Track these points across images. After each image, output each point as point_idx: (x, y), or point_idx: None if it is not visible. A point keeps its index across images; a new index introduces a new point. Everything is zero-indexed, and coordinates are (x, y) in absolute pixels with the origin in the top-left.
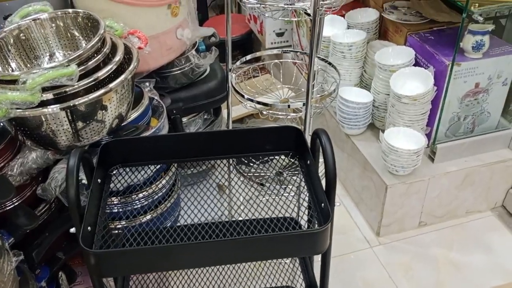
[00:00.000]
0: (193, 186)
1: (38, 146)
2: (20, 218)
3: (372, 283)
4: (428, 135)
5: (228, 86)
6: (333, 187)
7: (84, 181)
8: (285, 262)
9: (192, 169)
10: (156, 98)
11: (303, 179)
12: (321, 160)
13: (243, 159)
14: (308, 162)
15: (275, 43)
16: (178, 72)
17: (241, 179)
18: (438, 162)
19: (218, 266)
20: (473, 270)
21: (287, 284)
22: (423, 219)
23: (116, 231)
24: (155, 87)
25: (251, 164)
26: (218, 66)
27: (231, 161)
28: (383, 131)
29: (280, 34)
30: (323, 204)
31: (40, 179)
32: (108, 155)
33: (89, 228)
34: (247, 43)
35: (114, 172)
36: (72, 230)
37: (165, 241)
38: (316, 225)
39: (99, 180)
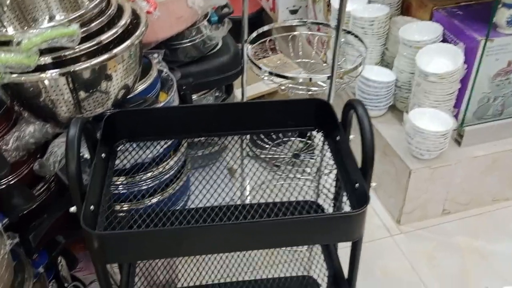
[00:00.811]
0: (204, 169)
1: (36, 118)
2: (15, 198)
3: (393, 272)
4: (454, 118)
5: (244, 59)
6: (370, 165)
7: (87, 156)
8: (300, 250)
9: (203, 150)
10: (165, 70)
11: (328, 159)
12: None
13: (257, 141)
14: (338, 138)
15: (288, 21)
16: (189, 44)
17: (254, 162)
18: (465, 146)
19: (228, 255)
20: (499, 259)
21: (303, 274)
22: (446, 207)
23: (121, 214)
24: (164, 61)
25: (266, 146)
26: (231, 40)
27: (245, 139)
28: (407, 112)
29: (294, 12)
30: (357, 185)
31: (38, 156)
32: (113, 128)
33: (91, 207)
34: (258, 22)
35: (120, 147)
36: (73, 209)
37: (177, 222)
38: (350, 208)
39: (103, 155)
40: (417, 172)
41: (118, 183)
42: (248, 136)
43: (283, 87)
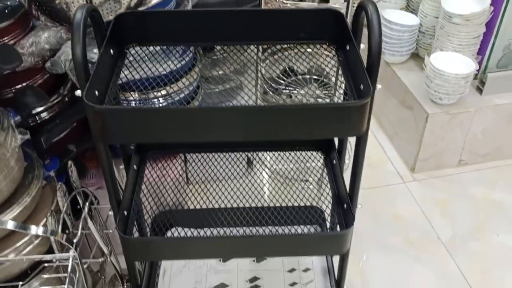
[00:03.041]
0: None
1: (52, 22)
2: (28, 97)
3: (404, 217)
4: (478, 65)
5: None
6: (376, 66)
7: (95, 52)
8: (310, 183)
9: (218, 86)
10: None
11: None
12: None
13: (272, 85)
14: (348, 47)
15: None
16: None
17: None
18: (486, 94)
19: (237, 182)
20: None
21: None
22: (464, 157)
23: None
24: None
25: (280, 89)
26: None
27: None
28: (429, 55)
29: None
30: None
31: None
32: (123, 29)
33: (96, 92)
34: None
35: (130, 50)
36: (78, 92)
37: None
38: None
39: (111, 51)
40: (434, 117)
41: (131, 98)
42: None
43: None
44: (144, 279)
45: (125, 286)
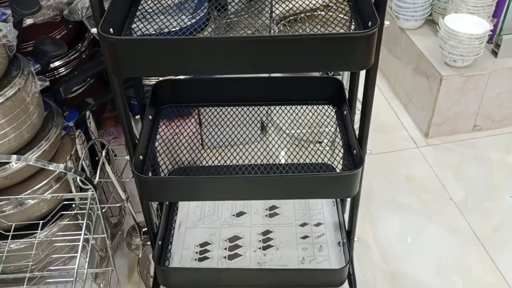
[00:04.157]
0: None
1: None
2: (47, 46)
3: (416, 180)
4: (493, 29)
5: None
6: (383, 5)
7: None
8: (325, 144)
9: None
10: None
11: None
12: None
13: None
14: None
15: None
16: None
17: None
18: (502, 57)
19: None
20: None
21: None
22: (478, 123)
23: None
24: None
25: None
26: None
27: None
28: (443, 18)
29: None
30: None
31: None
32: None
33: (111, 30)
34: None
35: None
36: (93, 30)
37: None
38: None
39: None
40: (448, 80)
41: None
42: None
43: None
44: (160, 230)
45: (142, 238)
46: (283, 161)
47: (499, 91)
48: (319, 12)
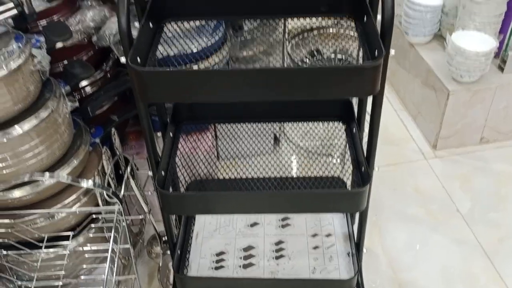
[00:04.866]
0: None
1: (97, 1)
2: (76, 69)
3: (424, 191)
4: (499, 45)
5: None
6: (389, 32)
7: (136, 25)
8: (335, 159)
9: (247, 66)
10: None
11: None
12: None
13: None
14: (365, 18)
15: None
16: None
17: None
18: (508, 72)
19: (266, 158)
20: None
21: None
22: (485, 135)
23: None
24: None
25: (306, 62)
26: None
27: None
28: (451, 34)
29: None
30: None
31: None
32: (160, 5)
33: (138, 59)
34: None
35: (167, 25)
36: (122, 59)
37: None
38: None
39: (150, 24)
40: (455, 94)
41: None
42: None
43: None
44: (179, 239)
45: (162, 246)
46: (295, 174)
47: (505, 104)
48: (330, 30)
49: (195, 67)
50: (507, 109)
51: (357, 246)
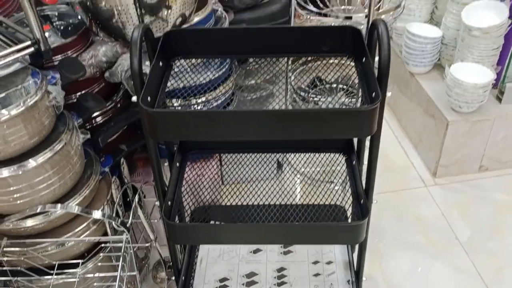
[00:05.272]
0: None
1: (109, 38)
2: (88, 102)
3: (424, 219)
4: (497, 76)
5: (292, 3)
6: (386, 76)
7: (147, 64)
8: (336, 184)
9: (251, 95)
10: (219, 9)
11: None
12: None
13: (300, 93)
14: (364, 60)
15: None
16: None
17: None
18: (506, 103)
19: (267, 185)
20: None
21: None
22: (484, 163)
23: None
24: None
25: (308, 97)
26: None
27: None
28: (450, 66)
29: None
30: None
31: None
32: (170, 44)
33: (149, 98)
34: None
35: (176, 62)
36: (134, 98)
37: None
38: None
39: (160, 64)
40: (454, 124)
41: (175, 104)
42: (292, 83)
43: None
44: (184, 265)
45: (167, 272)
46: (297, 200)
47: (504, 135)
48: (332, 60)
49: (202, 98)
50: (505, 139)
51: (357, 274)
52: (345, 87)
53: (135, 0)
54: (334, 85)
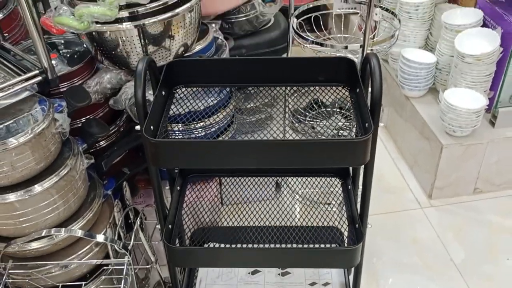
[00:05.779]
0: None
1: (114, 66)
2: (93, 128)
3: (419, 240)
4: (490, 101)
5: (290, 32)
6: (378, 108)
7: (150, 93)
8: (333, 205)
9: (250, 117)
10: (220, 38)
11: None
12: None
13: (298, 116)
14: (358, 90)
15: (343, 8)
16: (243, 18)
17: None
18: (499, 127)
19: (266, 204)
20: None
21: (332, 225)
22: (479, 186)
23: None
24: (220, 31)
25: (305, 120)
26: (282, 18)
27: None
28: (443, 91)
29: None
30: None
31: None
32: (172, 74)
33: (152, 127)
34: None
35: (178, 90)
36: (137, 127)
37: None
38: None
39: (163, 92)
40: (449, 148)
41: (176, 129)
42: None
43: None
44: (183, 286)
45: None
46: (295, 222)
47: (497, 158)
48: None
49: (202, 123)
50: (499, 162)
51: None
52: (342, 110)
53: (139, 31)
54: (331, 109)
